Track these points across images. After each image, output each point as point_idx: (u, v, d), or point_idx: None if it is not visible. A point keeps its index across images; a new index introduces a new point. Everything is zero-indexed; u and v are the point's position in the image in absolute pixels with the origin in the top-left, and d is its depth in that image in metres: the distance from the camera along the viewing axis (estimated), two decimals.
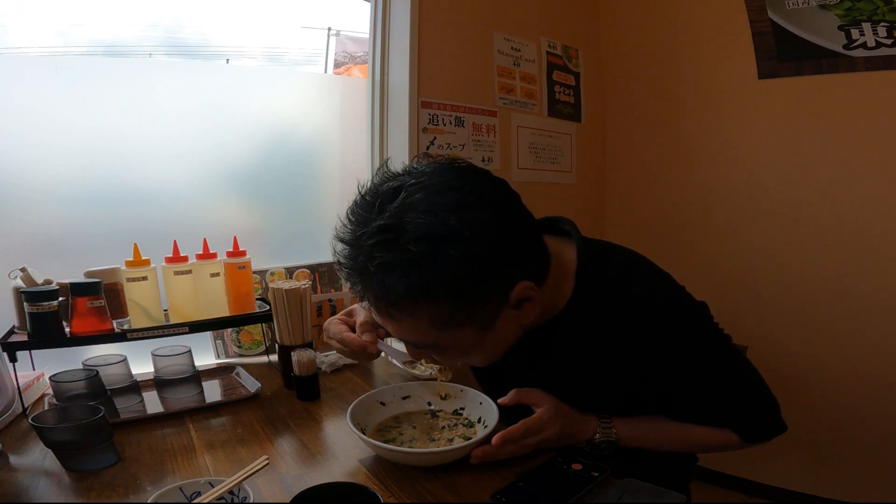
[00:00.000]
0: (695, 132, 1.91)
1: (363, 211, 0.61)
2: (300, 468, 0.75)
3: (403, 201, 0.58)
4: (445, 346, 0.66)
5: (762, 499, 1.85)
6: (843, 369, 1.70)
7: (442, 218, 0.57)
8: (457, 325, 0.63)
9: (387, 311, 0.62)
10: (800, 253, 1.74)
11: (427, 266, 0.57)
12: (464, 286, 0.59)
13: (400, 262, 0.57)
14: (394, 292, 0.59)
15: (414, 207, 0.58)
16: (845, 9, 1.57)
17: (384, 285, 0.59)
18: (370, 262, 0.58)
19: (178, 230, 1.17)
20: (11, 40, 1.18)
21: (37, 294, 0.89)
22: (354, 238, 0.60)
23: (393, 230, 0.57)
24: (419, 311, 0.61)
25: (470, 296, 0.61)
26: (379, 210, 0.60)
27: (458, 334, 0.64)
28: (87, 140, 1.16)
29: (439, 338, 0.64)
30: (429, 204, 0.58)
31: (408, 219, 0.57)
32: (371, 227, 0.58)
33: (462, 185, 0.61)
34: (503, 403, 0.79)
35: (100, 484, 0.70)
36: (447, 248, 0.57)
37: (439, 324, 0.62)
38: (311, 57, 1.94)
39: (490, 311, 0.64)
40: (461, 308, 0.61)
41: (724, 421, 0.78)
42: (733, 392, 0.76)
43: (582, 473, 0.69)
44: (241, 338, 1.28)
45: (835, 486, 1.73)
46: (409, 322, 0.63)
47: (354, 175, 1.53)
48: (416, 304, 0.60)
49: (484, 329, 0.65)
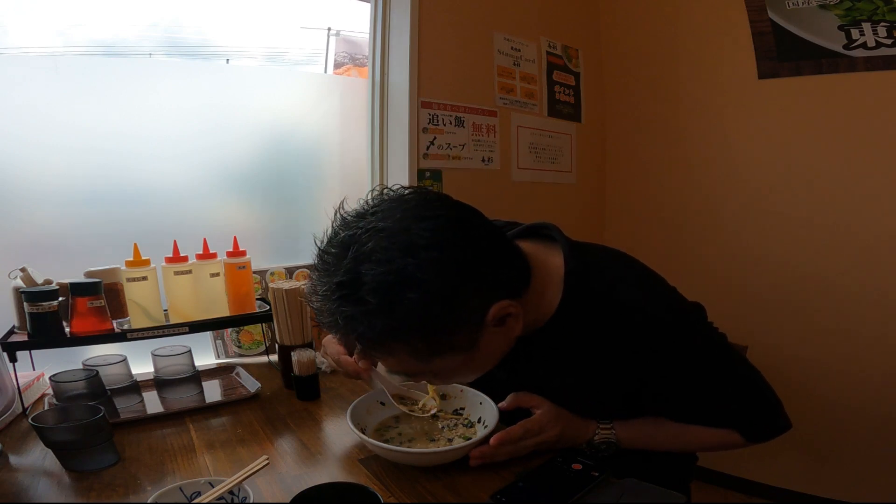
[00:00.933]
0: (695, 132, 1.91)
1: (326, 265, 0.62)
2: (300, 468, 0.75)
3: (357, 252, 0.58)
4: (435, 372, 0.67)
5: (762, 499, 1.85)
6: (843, 370, 1.70)
7: (395, 265, 0.57)
8: (438, 355, 0.64)
9: (368, 353, 0.68)
10: (800, 253, 1.74)
11: (388, 314, 0.58)
12: (431, 325, 0.60)
13: (363, 315, 0.58)
14: (366, 340, 0.61)
15: (367, 258, 0.58)
16: (845, 9, 1.57)
17: (357, 334, 0.60)
18: (339, 317, 0.59)
19: (178, 230, 1.17)
20: (11, 40, 1.18)
21: (37, 294, 0.89)
22: (322, 294, 0.61)
23: (350, 286, 0.58)
24: (396, 350, 0.63)
25: (440, 331, 0.61)
26: (336, 264, 0.60)
27: (442, 362, 0.64)
28: (87, 140, 1.16)
29: (425, 368, 0.65)
30: (381, 251, 0.58)
31: (363, 270, 0.57)
32: (332, 283, 0.59)
33: (410, 226, 0.59)
34: (502, 408, 0.79)
35: (100, 484, 0.70)
36: (404, 293, 0.57)
37: (421, 357, 0.63)
38: (311, 57, 1.94)
39: (468, 337, 0.64)
40: (435, 342, 0.62)
41: (725, 421, 0.78)
42: (732, 392, 0.76)
43: (582, 473, 0.69)
44: (241, 338, 1.28)
45: (835, 486, 1.73)
46: (393, 359, 0.65)
47: (354, 175, 1.53)
48: (390, 347, 0.62)
49: (468, 351, 0.65)
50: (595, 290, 0.71)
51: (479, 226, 0.66)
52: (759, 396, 0.77)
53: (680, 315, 0.73)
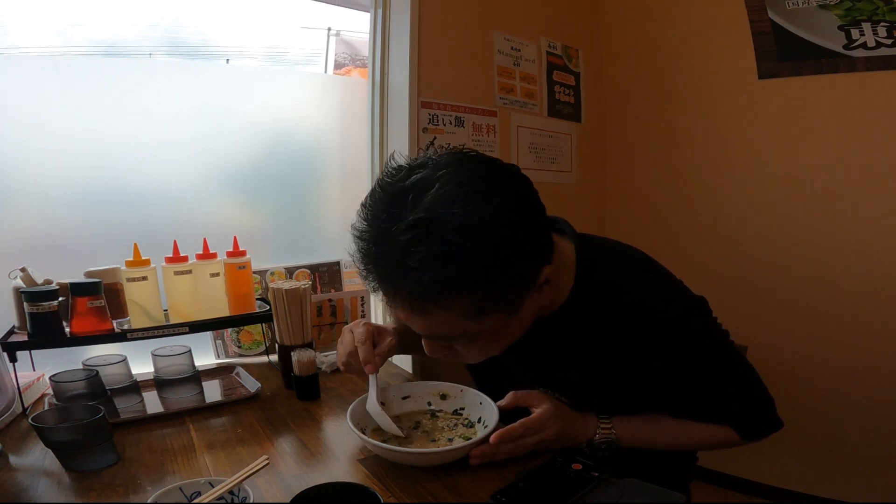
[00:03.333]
0: (695, 132, 1.91)
1: (388, 205, 0.60)
2: (300, 468, 0.75)
3: (436, 194, 0.58)
4: (473, 335, 0.65)
5: (762, 499, 1.85)
6: (843, 369, 1.70)
7: (476, 209, 0.57)
8: (487, 313, 0.62)
9: (421, 307, 0.61)
10: (799, 252, 1.74)
11: (467, 257, 0.56)
12: (500, 274, 0.60)
13: (440, 256, 0.56)
14: (432, 287, 0.57)
15: (447, 199, 0.57)
16: (845, 9, 1.57)
17: (422, 281, 0.57)
18: (408, 258, 0.56)
19: (178, 230, 1.17)
20: (11, 40, 1.18)
21: (37, 294, 0.89)
22: (384, 235, 0.59)
23: (429, 223, 0.56)
24: (454, 303, 0.60)
25: (504, 283, 0.61)
26: (413, 204, 0.58)
27: (486, 322, 0.63)
28: (87, 140, 1.16)
29: (468, 328, 0.64)
30: (461, 195, 0.57)
31: (442, 210, 0.57)
32: (406, 222, 0.57)
33: (486, 176, 0.61)
34: (501, 407, 0.79)
35: (100, 484, 0.70)
36: (485, 238, 0.57)
37: (471, 314, 0.61)
38: (311, 57, 1.95)
39: (519, 297, 0.64)
40: (494, 296, 0.61)
41: (723, 418, 0.78)
42: (731, 388, 0.77)
43: (582, 473, 0.69)
44: (241, 338, 1.28)
45: (835, 486, 1.73)
46: (442, 316, 0.61)
47: (354, 175, 1.53)
48: (452, 296, 0.59)
49: (511, 314, 0.65)
50: (604, 279, 0.73)
51: (535, 192, 0.67)
52: (757, 394, 0.78)
53: (686, 307, 0.74)
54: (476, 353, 0.70)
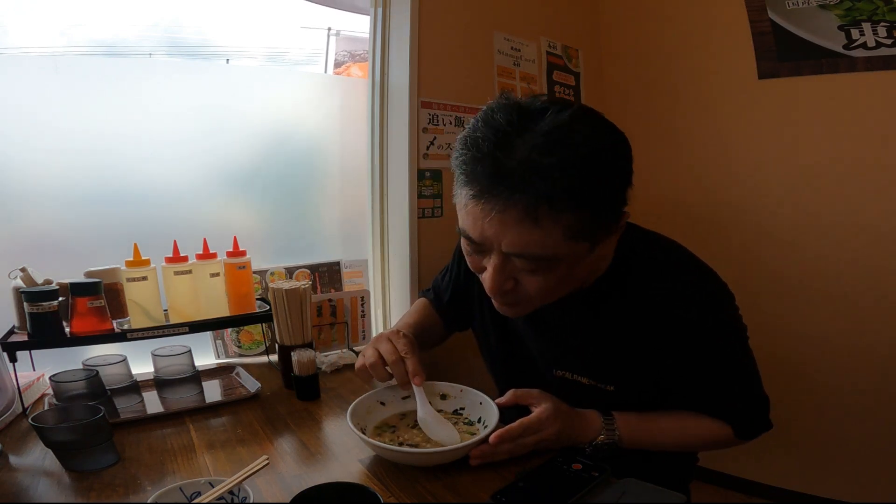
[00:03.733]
0: (695, 132, 1.91)
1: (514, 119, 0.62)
2: (300, 468, 0.75)
3: (563, 115, 0.62)
4: (558, 260, 0.66)
5: (762, 499, 1.85)
6: (844, 369, 1.69)
7: (601, 134, 0.64)
8: (581, 238, 0.64)
9: (534, 214, 0.61)
10: (799, 252, 1.74)
11: (592, 168, 0.61)
12: (609, 196, 0.64)
13: (571, 159, 0.59)
14: (556, 191, 0.59)
15: (579, 120, 0.62)
16: (845, 9, 1.57)
17: (548, 182, 0.59)
18: (542, 156, 0.59)
19: (178, 230, 1.17)
20: (11, 40, 1.18)
21: (37, 294, 0.89)
22: (511, 141, 0.61)
23: (563, 134, 0.60)
24: (566, 215, 0.61)
25: (608, 209, 0.65)
26: (539, 119, 0.61)
27: (574, 248, 0.65)
28: (87, 140, 1.16)
29: (560, 249, 0.64)
30: (587, 121, 0.63)
31: (576, 128, 0.61)
32: (539, 130, 0.60)
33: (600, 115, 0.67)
34: (500, 403, 0.79)
35: (100, 484, 0.70)
36: (607, 155, 0.63)
37: (572, 232, 0.63)
38: (311, 57, 1.95)
39: (606, 231, 0.68)
40: (597, 218, 0.64)
41: (724, 413, 0.79)
42: (738, 385, 0.78)
43: (582, 473, 0.69)
44: (241, 338, 1.28)
45: (835, 486, 1.73)
46: (547, 228, 0.62)
47: (354, 175, 1.53)
48: (567, 206, 0.61)
49: (590, 249, 0.68)
50: (642, 260, 0.78)
51: None
52: (757, 393, 0.80)
53: (718, 297, 0.76)
54: (541, 291, 0.70)
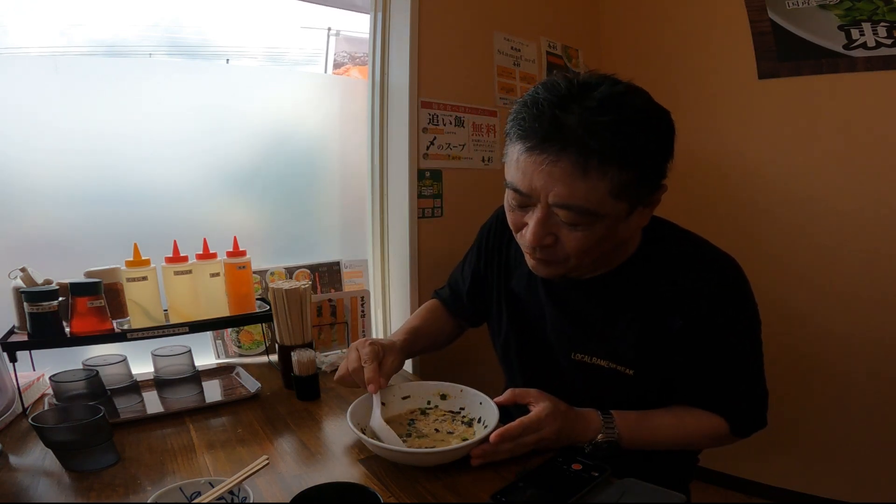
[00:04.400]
0: (695, 132, 1.91)
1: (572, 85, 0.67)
2: (300, 468, 0.75)
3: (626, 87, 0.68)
4: (599, 217, 0.69)
5: (762, 499, 1.85)
6: (844, 369, 1.70)
7: (652, 105, 0.69)
8: (625, 198, 0.68)
9: (584, 166, 0.65)
10: (799, 252, 1.74)
11: (642, 131, 0.66)
12: (655, 161, 0.69)
13: (624, 120, 0.64)
14: (607, 147, 0.64)
15: (631, 91, 0.68)
16: (845, 9, 1.57)
17: (600, 138, 0.64)
18: (598, 115, 0.64)
19: (178, 230, 1.17)
20: (11, 40, 1.18)
21: (37, 294, 0.89)
22: (570, 101, 0.66)
23: (620, 99, 0.66)
24: (612, 172, 0.65)
25: (652, 173, 0.69)
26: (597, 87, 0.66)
27: (616, 207, 0.69)
28: (88, 140, 1.16)
29: (603, 206, 0.68)
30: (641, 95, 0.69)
31: (630, 96, 0.67)
32: (597, 94, 0.65)
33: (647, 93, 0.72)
34: (499, 402, 0.80)
35: (100, 484, 0.70)
36: (657, 123, 0.69)
37: (616, 190, 0.66)
38: (311, 57, 1.94)
39: (646, 196, 0.72)
40: (642, 182, 0.68)
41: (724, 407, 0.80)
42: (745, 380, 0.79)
43: (582, 473, 0.69)
44: (241, 338, 1.28)
45: (835, 485, 1.73)
46: (594, 181, 0.66)
47: (354, 175, 1.53)
48: (615, 163, 0.65)
49: (629, 213, 0.71)
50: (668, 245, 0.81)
51: None
52: (759, 391, 0.80)
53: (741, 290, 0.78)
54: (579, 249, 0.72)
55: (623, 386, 0.81)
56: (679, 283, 0.77)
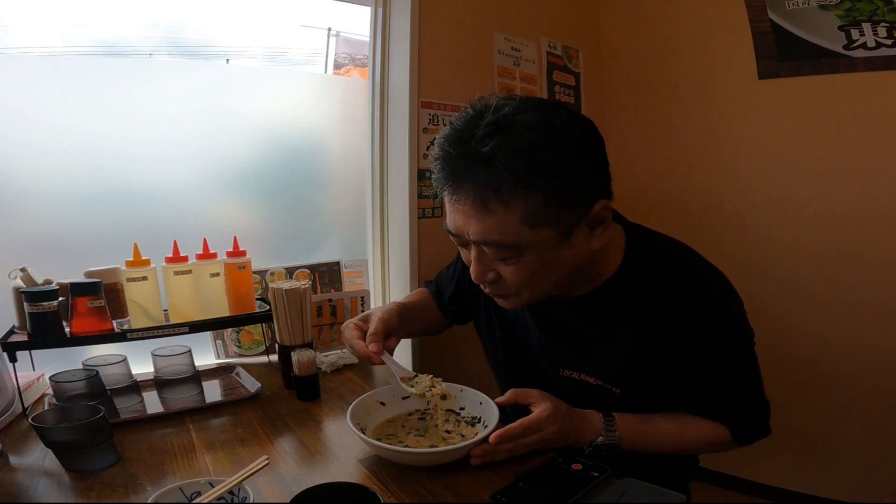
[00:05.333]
0: (695, 132, 1.91)
1: (472, 118, 0.66)
2: (300, 468, 0.75)
3: (514, 107, 0.65)
4: (525, 248, 0.67)
5: (762, 499, 1.85)
6: (844, 369, 1.69)
7: (548, 119, 0.64)
8: (543, 224, 0.65)
9: (483, 201, 0.64)
10: (800, 252, 1.74)
11: (533, 152, 0.62)
12: (560, 179, 0.64)
13: (511, 147, 0.62)
14: (499, 176, 0.62)
15: (525, 111, 0.64)
16: (845, 9, 1.57)
17: (490, 170, 0.62)
18: (482, 146, 0.62)
19: (178, 230, 1.17)
20: (11, 40, 1.18)
21: (37, 294, 0.89)
22: (466, 132, 0.65)
23: (506, 122, 0.63)
24: (515, 199, 0.64)
25: (563, 191, 0.65)
26: (494, 111, 0.65)
27: (541, 235, 0.66)
28: (88, 140, 1.16)
29: (522, 236, 0.66)
30: (536, 110, 0.65)
31: (519, 118, 0.64)
32: (484, 122, 0.64)
33: (561, 105, 0.70)
34: (500, 402, 0.79)
35: (100, 484, 0.70)
36: (552, 141, 0.63)
37: (529, 219, 0.65)
38: (311, 57, 1.94)
39: (573, 217, 0.67)
40: (553, 203, 0.65)
41: (724, 417, 0.79)
42: (742, 389, 0.78)
43: (582, 473, 0.69)
44: (241, 338, 1.28)
45: (834, 486, 1.73)
46: (500, 215, 0.65)
47: (354, 175, 1.53)
48: (514, 190, 0.63)
49: (562, 238, 0.68)
50: (653, 261, 0.77)
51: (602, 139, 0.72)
52: (758, 398, 0.79)
53: (728, 301, 0.77)
54: (520, 281, 0.71)
55: (611, 403, 0.81)
56: (665, 301, 0.74)
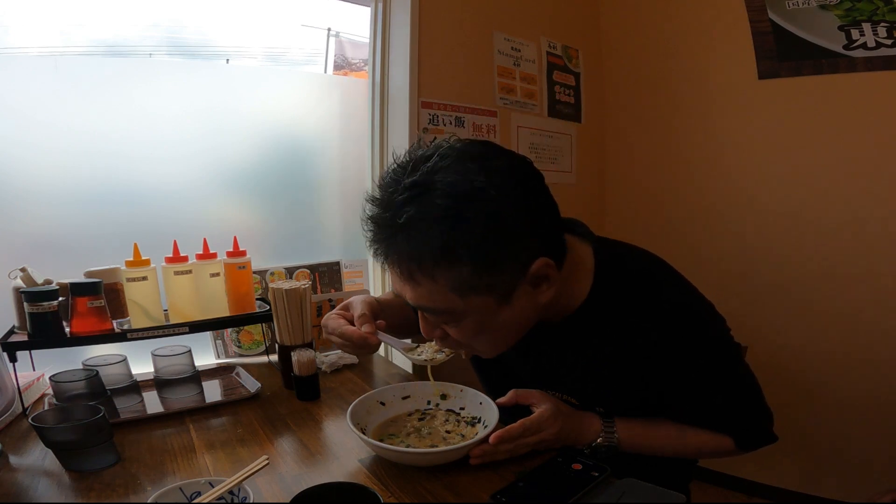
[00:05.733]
0: (695, 132, 1.91)
1: (395, 176, 0.63)
2: (300, 468, 0.75)
3: (435, 164, 0.61)
4: (462, 314, 0.65)
5: (762, 499, 1.85)
6: (843, 370, 1.69)
7: (470, 178, 0.59)
8: (475, 292, 0.62)
9: (408, 272, 0.62)
10: (799, 252, 1.74)
11: (452, 222, 0.58)
12: (486, 247, 0.60)
13: (427, 218, 0.58)
14: (418, 250, 0.60)
15: (444, 169, 0.60)
16: (845, 9, 1.57)
17: (410, 243, 0.59)
18: (398, 217, 0.59)
19: (178, 230, 1.17)
20: (11, 40, 1.18)
21: (37, 294, 0.89)
22: (385, 196, 0.62)
23: (422, 187, 0.59)
24: (440, 271, 0.61)
25: (491, 259, 0.61)
26: (411, 171, 0.61)
27: (475, 302, 0.63)
28: (88, 140, 1.16)
29: (455, 304, 0.64)
30: (458, 166, 0.60)
31: (437, 178, 0.59)
32: (402, 185, 0.60)
33: (490, 155, 0.63)
34: (502, 403, 0.79)
35: (100, 484, 0.70)
36: (473, 205, 0.58)
37: (458, 288, 0.62)
38: (311, 57, 1.94)
39: (508, 282, 0.64)
40: (481, 272, 0.61)
41: (724, 426, 0.79)
42: (737, 399, 0.77)
43: (582, 473, 0.69)
44: (241, 338, 1.28)
45: (835, 486, 1.73)
46: (429, 285, 0.62)
47: (354, 175, 1.53)
48: (437, 263, 0.60)
49: (501, 302, 0.65)
50: (624, 284, 0.73)
51: (544, 186, 0.68)
52: (757, 406, 0.79)
53: (705, 316, 0.75)
54: (467, 339, 0.69)
55: None
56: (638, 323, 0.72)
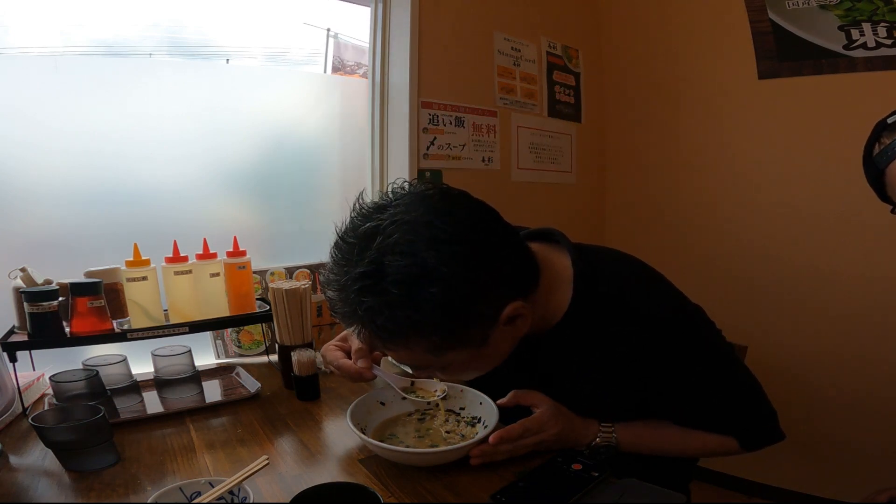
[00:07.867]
0: (695, 132, 1.91)
1: (345, 255, 0.63)
2: (300, 468, 0.75)
3: (381, 244, 0.59)
4: (444, 365, 0.69)
5: (762, 499, 1.85)
6: (843, 369, 1.70)
7: (419, 258, 0.58)
8: (451, 349, 0.65)
9: (382, 345, 0.66)
10: (799, 252, 1.74)
11: (410, 307, 0.59)
12: (449, 318, 0.61)
13: (384, 305, 0.59)
14: (384, 332, 0.62)
15: (391, 249, 0.59)
16: (845, 9, 1.57)
17: (375, 326, 0.61)
18: (358, 307, 0.60)
19: (178, 230, 1.17)
20: (12, 40, 1.18)
21: (37, 294, 0.89)
22: (341, 285, 0.62)
23: (373, 276, 0.59)
24: (412, 343, 0.64)
25: (457, 325, 0.63)
26: (359, 254, 0.61)
27: (453, 356, 0.67)
28: (88, 140, 1.16)
29: (436, 361, 0.68)
30: (405, 244, 0.59)
31: (387, 261, 0.59)
32: (354, 273, 0.60)
33: (433, 220, 0.61)
34: (502, 405, 0.79)
35: (100, 484, 0.70)
36: (427, 287, 0.58)
37: (433, 350, 0.65)
38: (311, 57, 1.94)
39: (481, 333, 0.66)
40: (451, 336, 0.64)
41: (725, 427, 0.79)
42: (733, 398, 0.77)
43: (582, 473, 0.69)
44: (241, 338, 1.28)
45: (835, 486, 1.73)
46: (407, 352, 0.66)
47: (355, 175, 1.54)
48: (407, 339, 0.63)
49: (479, 346, 0.67)
50: (604, 292, 0.73)
51: (497, 225, 0.68)
52: (759, 405, 0.79)
53: (691, 318, 0.74)
54: (459, 377, 0.73)
55: None
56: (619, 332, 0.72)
